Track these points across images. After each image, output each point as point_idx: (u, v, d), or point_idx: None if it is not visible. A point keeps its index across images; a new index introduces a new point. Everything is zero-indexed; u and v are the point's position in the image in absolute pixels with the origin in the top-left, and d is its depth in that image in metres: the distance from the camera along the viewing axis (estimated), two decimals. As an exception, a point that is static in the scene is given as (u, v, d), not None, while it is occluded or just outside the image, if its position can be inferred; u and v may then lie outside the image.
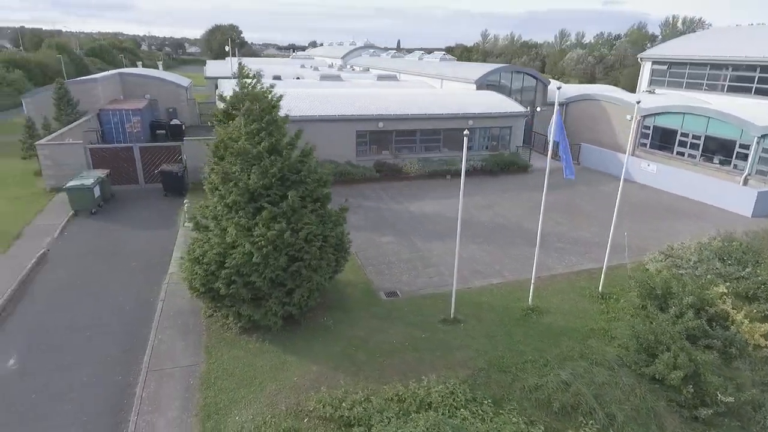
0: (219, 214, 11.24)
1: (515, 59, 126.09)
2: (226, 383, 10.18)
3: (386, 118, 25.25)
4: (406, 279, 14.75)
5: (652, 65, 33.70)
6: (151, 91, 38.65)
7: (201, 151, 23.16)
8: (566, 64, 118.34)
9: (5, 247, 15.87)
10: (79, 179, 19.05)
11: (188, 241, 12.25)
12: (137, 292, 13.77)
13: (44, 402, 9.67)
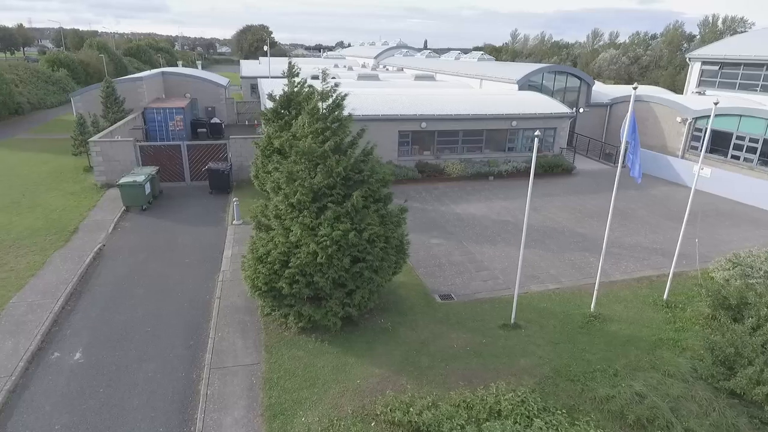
0: (282, 213, 11.18)
1: (545, 59, 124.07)
2: (289, 383, 10.10)
3: (429, 118, 24.98)
4: (459, 282, 14.48)
5: (701, 66, 32.51)
6: (191, 90, 39.31)
7: (246, 150, 23.42)
8: (599, 65, 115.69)
9: (64, 242, 16.23)
10: (131, 176, 19.39)
11: (248, 240, 12.24)
12: (193, 288, 13.88)
13: (113, 396, 9.76)
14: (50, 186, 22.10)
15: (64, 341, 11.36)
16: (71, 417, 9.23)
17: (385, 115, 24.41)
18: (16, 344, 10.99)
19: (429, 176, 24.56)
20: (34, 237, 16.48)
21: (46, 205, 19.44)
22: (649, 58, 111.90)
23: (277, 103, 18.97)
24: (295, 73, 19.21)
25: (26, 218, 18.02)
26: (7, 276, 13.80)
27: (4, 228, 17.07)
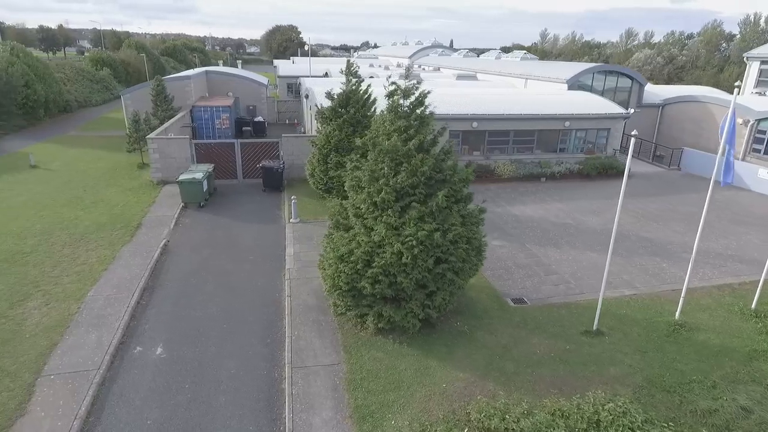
0: (362, 212, 11.02)
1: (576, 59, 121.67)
2: (373, 385, 9.92)
3: (481, 117, 24.60)
4: (529, 285, 14.11)
5: (760, 65, 31.24)
6: (233, 89, 39.74)
7: (297, 148, 23.44)
8: (632, 65, 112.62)
9: (130, 237, 16.44)
10: (190, 173, 19.57)
11: (315, 238, 12.12)
12: (262, 285, 13.85)
13: (199, 392, 9.74)
14: (108, 182, 22.51)
15: (143, 336, 11.43)
16: (161, 412, 9.24)
17: (437, 114, 24.00)
18: (99, 337, 11.11)
19: (480, 177, 24.12)
20: (101, 231, 16.74)
21: (108, 201, 19.79)
22: (685, 58, 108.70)
23: (336, 102, 18.93)
24: (354, 71, 19.13)
25: (91, 213, 18.35)
26: (81, 269, 14.02)
27: (72, 222, 17.40)
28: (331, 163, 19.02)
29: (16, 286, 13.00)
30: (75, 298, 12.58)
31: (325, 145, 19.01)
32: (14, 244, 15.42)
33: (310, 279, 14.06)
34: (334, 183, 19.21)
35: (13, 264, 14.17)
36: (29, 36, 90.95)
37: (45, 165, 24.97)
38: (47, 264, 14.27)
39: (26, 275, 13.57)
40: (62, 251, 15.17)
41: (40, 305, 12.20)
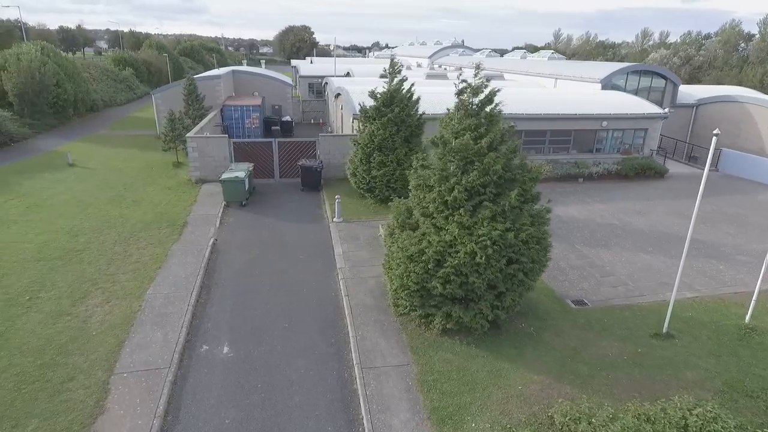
0: (430, 211, 10.88)
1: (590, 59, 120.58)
2: (447, 387, 9.78)
3: (518, 117, 24.30)
4: (587, 287, 13.89)
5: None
6: (260, 88, 39.78)
7: (334, 148, 23.37)
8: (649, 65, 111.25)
9: (178, 235, 16.45)
10: (231, 172, 19.56)
11: (388, 239, 12.00)
12: (316, 284, 13.77)
13: (272, 392, 9.66)
14: (146, 180, 22.60)
15: (207, 334, 11.39)
16: (237, 412, 9.17)
17: (474, 113, 23.87)
18: (165, 335, 11.08)
19: (517, 177, 23.89)
20: (149, 230, 16.77)
21: (149, 200, 19.84)
22: (702, 59, 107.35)
23: (381, 101, 18.82)
24: (398, 70, 19.02)
25: (136, 211, 18.40)
26: (136, 267, 14.03)
27: (119, 220, 17.46)
28: (374, 162, 18.92)
29: (75, 283, 13.03)
30: (135, 295, 12.58)
31: (369, 144, 18.91)
32: (66, 242, 15.49)
33: (364, 279, 13.96)
34: (377, 182, 19.13)
35: (68, 262, 14.21)
36: (50, 37, 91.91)
37: (82, 163, 25.13)
38: (101, 262, 14.30)
39: (83, 273, 13.60)
40: (114, 249, 15.20)
41: (102, 302, 12.21)
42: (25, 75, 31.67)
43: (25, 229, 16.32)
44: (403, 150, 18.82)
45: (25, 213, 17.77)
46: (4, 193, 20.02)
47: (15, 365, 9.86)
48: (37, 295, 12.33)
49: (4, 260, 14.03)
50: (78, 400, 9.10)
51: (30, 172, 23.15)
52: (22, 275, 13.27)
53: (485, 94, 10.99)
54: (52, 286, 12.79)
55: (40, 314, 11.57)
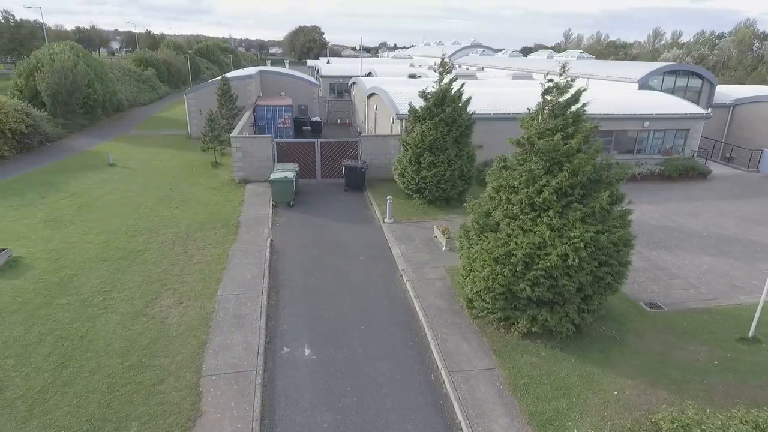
0: (514, 213, 10.72)
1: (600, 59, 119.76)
2: (540, 391, 9.62)
3: (559, 117, 24.11)
4: (657, 290, 13.69)
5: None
6: (286, 88, 39.77)
7: (376, 148, 23.25)
8: None
9: (234, 235, 16.39)
10: (279, 172, 19.48)
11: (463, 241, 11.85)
12: (382, 286, 13.65)
13: (364, 395, 9.54)
14: (188, 181, 22.57)
15: (285, 336, 11.30)
16: (333, 415, 9.06)
17: (516, 113, 23.68)
18: (245, 337, 10.99)
19: (559, 178, 23.67)
20: (204, 230, 16.72)
21: (197, 200, 19.80)
22: (716, 58, 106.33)
23: (431, 101, 18.68)
24: (448, 69, 18.87)
25: (186, 212, 18.36)
26: (201, 268, 13.97)
27: (172, 221, 17.42)
28: (425, 162, 18.78)
29: (145, 284, 12.98)
30: (206, 296, 12.51)
31: (419, 144, 18.76)
32: (126, 242, 15.46)
33: (430, 281, 13.82)
34: (427, 183, 18.98)
35: (133, 262, 14.17)
36: (67, 38, 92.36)
37: (122, 163, 25.17)
38: (165, 262, 14.25)
39: (149, 273, 13.55)
40: (174, 249, 15.15)
41: (175, 303, 12.15)
42: (58, 75, 31.78)
43: (84, 229, 16.32)
44: (453, 150, 18.67)
45: (79, 213, 17.78)
46: (53, 192, 20.06)
47: (104, 367, 9.81)
48: (110, 296, 12.29)
49: (70, 260, 14.02)
50: (173, 403, 9.03)
51: (72, 172, 23.20)
52: (91, 275, 13.24)
53: (571, 94, 10.81)
54: (122, 287, 12.75)
55: (116, 315, 11.52)
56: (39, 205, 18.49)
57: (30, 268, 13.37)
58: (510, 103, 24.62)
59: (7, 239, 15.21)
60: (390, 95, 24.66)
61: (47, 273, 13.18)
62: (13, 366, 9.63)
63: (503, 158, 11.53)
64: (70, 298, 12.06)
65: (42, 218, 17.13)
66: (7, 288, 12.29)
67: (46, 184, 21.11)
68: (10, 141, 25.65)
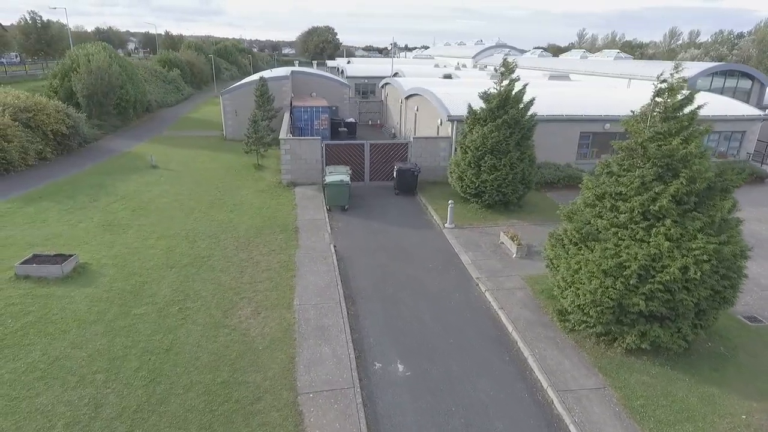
0: (622, 222, 10.09)
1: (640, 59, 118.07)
2: (660, 414, 8.98)
3: (613, 119, 23.40)
4: (751, 302, 12.97)
5: None
6: (316, 89, 39.27)
7: (426, 150, 22.67)
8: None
9: (295, 241, 15.89)
10: (333, 175, 18.95)
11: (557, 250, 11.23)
12: (459, 296, 13.07)
13: (472, 417, 8.97)
14: (235, 184, 22.14)
15: (374, 350, 10.76)
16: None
17: (570, 115, 23.06)
18: (333, 351, 10.47)
19: (614, 181, 22.94)
20: (263, 235, 16.26)
21: (249, 204, 19.35)
22: (735, 58, 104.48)
23: (494, 103, 18.06)
24: (511, 69, 18.24)
25: (242, 216, 17.91)
26: (270, 276, 13.48)
27: (230, 225, 16.98)
28: (485, 166, 18.17)
29: (218, 292, 12.51)
30: (283, 306, 12.01)
31: (480, 147, 18.15)
32: (189, 248, 15.02)
33: (510, 291, 13.22)
34: (487, 187, 18.37)
35: (200, 269, 13.72)
36: (88, 38, 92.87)
37: (164, 165, 24.83)
38: (232, 269, 13.78)
39: (220, 281, 13.08)
40: (238, 255, 14.69)
41: (253, 313, 11.66)
42: (95, 76, 31.58)
43: (143, 234, 15.91)
44: (516, 153, 18.04)
45: (134, 217, 17.39)
46: (103, 195, 19.72)
47: (197, 383, 9.32)
48: (186, 305, 11.82)
49: (137, 266, 13.59)
50: (276, 424, 8.51)
51: (118, 174, 22.88)
52: (162, 283, 12.80)
53: (685, 95, 10.17)
54: (196, 296, 12.28)
55: (197, 326, 11.05)
56: (92, 208, 18.13)
57: (99, 275, 12.96)
58: (559, 104, 23.92)
59: (68, 244, 14.84)
60: (438, 96, 24.06)
61: (117, 280, 12.75)
62: (104, 382, 9.17)
63: (606, 164, 10.88)
64: (145, 307, 11.61)
65: (98, 222, 16.76)
66: (80, 297, 11.88)
67: (95, 186, 20.78)
68: (51, 142, 25.42)
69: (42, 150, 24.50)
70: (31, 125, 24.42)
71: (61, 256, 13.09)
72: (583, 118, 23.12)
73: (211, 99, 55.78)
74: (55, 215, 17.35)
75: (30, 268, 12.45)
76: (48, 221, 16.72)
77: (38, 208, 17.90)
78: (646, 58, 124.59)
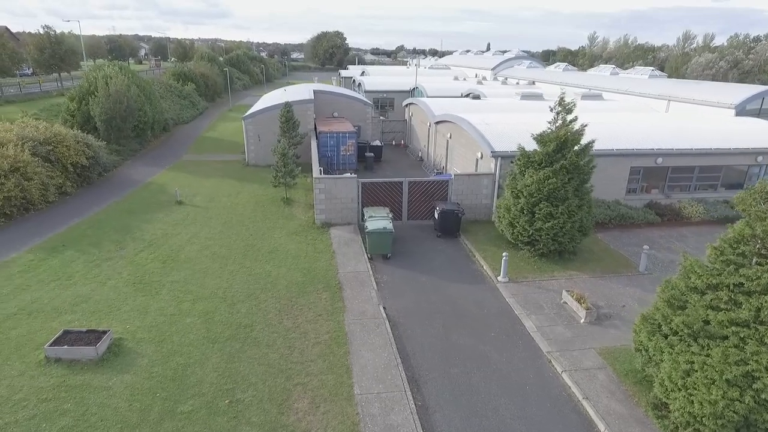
0: (745, 320, 8.74)
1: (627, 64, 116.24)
2: None
3: (666, 153, 22.03)
4: None
5: None
6: (339, 108, 38.09)
7: (467, 188, 21.36)
8: (692, 69, 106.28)
9: (341, 302, 14.63)
10: (375, 221, 17.70)
11: (650, 341, 9.89)
12: (534, 377, 11.75)
13: None
14: (266, 224, 20.92)
15: (452, 458, 9.46)
16: None
17: (620, 149, 21.69)
18: (409, 463, 9.18)
19: (666, 219, 21.56)
20: (306, 294, 15.02)
21: (284, 250, 18.11)
22: (752, 62, 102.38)
23: (552, 146, 16.72)
24: (569, 108, 16.91)
25: (279, 267, 16.69)
26: (322, 352, 12.22)
27: (269, 281, 15.75)
28: (540, 213, 16.83)
29: (268, 377, 11.27)
30: (343, 396, 10.75)
31: (535, 193, 16.83)
32: (228, 313, 13.80)
33: (590, 372, 11.88)
34: (542, 235, 17.04)
35: (245, 343, 12.48)
36: (100, 47, 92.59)
37: (189, 200, 23.68)
38: (279, 344, 12.53)
39: (268, 361, 11.84)
40: (282, 323, 13.45)
41: (311, 407, 10.41)
42: (113, 100, 30.54)
43: (177, 294, 14.71)
44: (574, 201, 16.71)
45: (165, 270, 16.20)
46: (129, 240, 18.59)
47: None
48: (236, 397, 10.58)
49: (176, 342, 12.37)
50: None
51: (142, 213, 21.75)
52: (206, 365, 11.57)
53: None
54: (245, 383, 11.04)
55: (252, 428, 9.79)
56: (119, 259, 16.97)
57: (136, 356, 11.75)
58: (608, 136, 22.49)
59: (98, 310, 13.67)
60: (476, 127, 22.73)
61: (157, 363, 11.53)
62: None
63: (720, 250, 9.48)
64: (192, 401, 10.38)
65: (127, 278, 15.58)
66: (119, 387, 10.66)
67: (120, 230, 19.64)
68: (71, 175, 24.37)
69: (62, 184, 23.44)
70: (51, 158, 23.37)
71: (94, 333, 11.91)
72: (634, 152, 21.74)
73: (225, 113, 54.82)
74: (80, 268, 16.20)
75: (61, 350, 11.27)
76: (74, 277, 15.56)
77: (62, 260, 16.76)
78: (658, 62, 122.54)
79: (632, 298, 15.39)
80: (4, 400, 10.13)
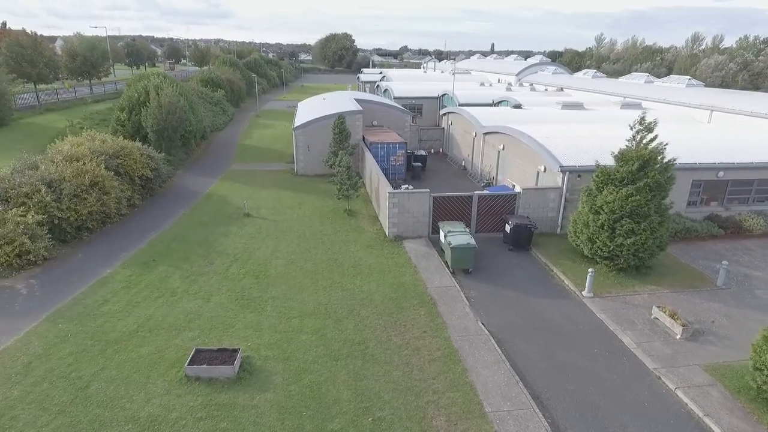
0: None
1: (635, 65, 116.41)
2: None
3: (728, 167, 22.45)
4: None
5: None
6: (378, 117, 38.56)
7: (535, 201, 21.81)
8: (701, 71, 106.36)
9: (440, 318, 15.09)
10: (456, 236, 18.17)
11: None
12: (650, 394, 12.19)
13: None
14: (338, 237, 21.39)
15: (597, 475, 9.92)
16: None
17: (684, 163, 22.07)
18: (561, 481, 9.64)
19: (731, 232, 21.99)
20: (403, 310, 15.51)
21: (367, 266, 18.57)
22: (762, 65, 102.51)
23: (635, 166, 17.13)
24: (650, 128, 17.35)
25: (370, 283, 17.17)
26: (441, 369, 12.69)
27: (365, 297, 16.23)
28: (622, 230, 17.27)
29: (399, 394, 11.74)
30: (476, 414, 11.22)
31: (617, 210, 17.27)
32: (338, 331, 14.28)
33: (702, 388, 12.32)
34: (623, 251, 17.48)
35: (366, 361, 12.94)
36: (118, 52, 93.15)
37: (255, 212, 24.18)
38: (397, 360, 13.01)
39: (394, 378, 12.30)
40: (393, 340, 13.93)
41: (449, 425, 10.88)
42: (165, 111, 31.07)
43: (283, 311, 15.19)
44: (656, 218, 17.17)
45: (261, 287, 16.68)
46: (214, 254, 19.10)
47: None
48: (377, 415, 11.06)
49: (300, 359, 12.85)
50: None
51: (215, 225, 22.27)
52: (336, 382, 12.04)
53: None
54: (379, 401, 11.52)
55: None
56: (212, 275, 17.47)
57: (269, 373, 12.23)
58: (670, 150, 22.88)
59: (214, 327, 14.17)
60: (539, 142, 23.16)
61: (291, 381, 12.01)
62: None
63: None
64: (338, 420, 10.86)
65: (229, 295, 16.06)
66: (265, 405, 11.14)
67: (202, 243, 20.14)
68: (138, 187, 24.91)
69: (131, 197, 23.97)
70: (120, 171, 23.87)
71: (225, 351, 12.39)
72: (697, 166, 22.17)
73: (254, 120, 55.36)
74: (179, 284, 16.70)
75: (200, 369, 11.75)
76: (177, 294, 16.06)
77: (159, 275, 17.27)
78: (666, 63, 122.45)
79: (719, 313, 15.81)
80: (162, 419, 10.62)
